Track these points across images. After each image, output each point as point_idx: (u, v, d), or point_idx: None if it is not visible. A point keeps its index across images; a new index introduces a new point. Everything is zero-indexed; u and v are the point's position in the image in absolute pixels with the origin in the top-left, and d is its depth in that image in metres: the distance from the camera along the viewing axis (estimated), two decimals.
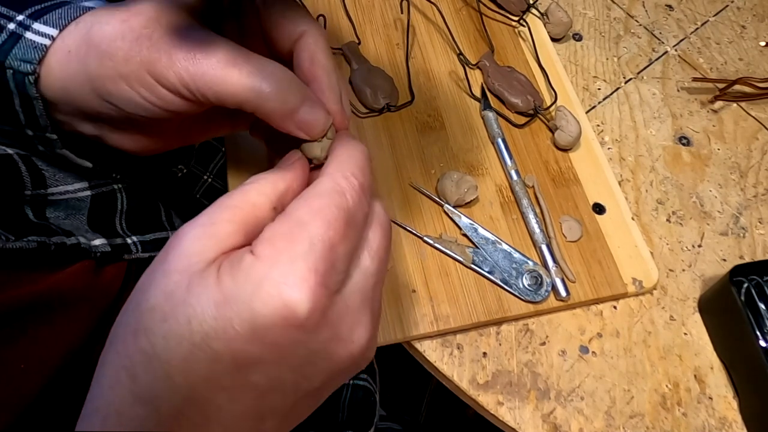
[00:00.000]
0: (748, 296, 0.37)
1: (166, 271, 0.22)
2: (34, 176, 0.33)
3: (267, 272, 0.21)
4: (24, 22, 0.29)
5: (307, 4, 0.49)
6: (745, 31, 0.55)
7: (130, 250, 0.37)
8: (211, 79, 0.27)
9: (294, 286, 0.21)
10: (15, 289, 0.29)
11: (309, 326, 0.22)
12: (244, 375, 0.22)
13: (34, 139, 0.31)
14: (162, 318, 0.21)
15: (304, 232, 0.23)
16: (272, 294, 0.21)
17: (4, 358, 0.28)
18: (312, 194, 0.24)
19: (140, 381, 0.21)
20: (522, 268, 0.39)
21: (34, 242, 0.30)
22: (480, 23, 0.50)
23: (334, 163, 0.27)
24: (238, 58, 0.28)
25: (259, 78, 0.28)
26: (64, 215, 0.35)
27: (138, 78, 0.28)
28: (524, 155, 0.44)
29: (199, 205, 0.46)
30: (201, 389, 0.22)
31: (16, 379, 0.28)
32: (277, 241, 0.22)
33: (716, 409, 0.37)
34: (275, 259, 0.22)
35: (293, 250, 0.22)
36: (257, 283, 0.21)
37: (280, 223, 0.23)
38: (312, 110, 0.29)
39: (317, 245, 0.23)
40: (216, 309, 0.21)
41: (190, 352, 0.21)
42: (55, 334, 0.30)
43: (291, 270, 0.22)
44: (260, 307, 0.21)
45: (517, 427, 0.35)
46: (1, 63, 0.28)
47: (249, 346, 0.21)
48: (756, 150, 0.48)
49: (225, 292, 0.21)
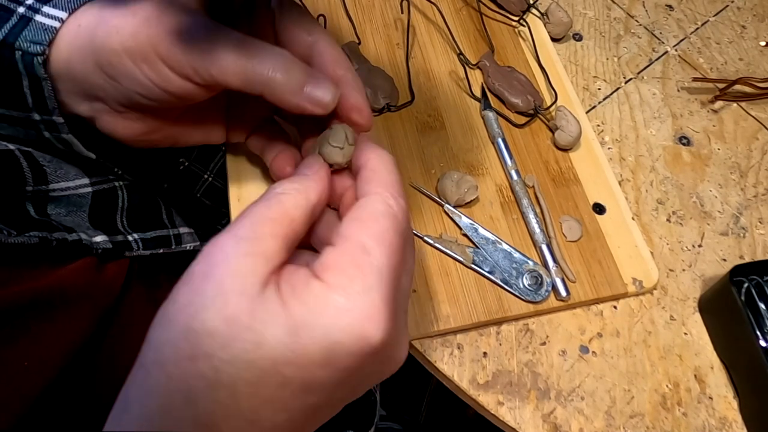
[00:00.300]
0: (748, 296, 0.37)
1: (221, 292, 0.22)
2: (35, 172, 0.33)
3: (344, 304, 0.22)
4: (33, 5, 0.29)
5: (307, 4, 0.49)
6: (745, 31, 0.55)
7: (131, 247, 0.37)
8: (221, 60, 0.28)
9: (372, 319, 0.22)
10: (17, 285, 0.29)
11: (377, 353, 0.23)
12: (307, 396, 0.22)
13: (41, 123, 0.31)
14: (225, 344, 0.21)
15: (371, 259, 0.23)
16: (352, 325, 0.22)
17: (7, 356, 0.28)
18: (367, 216, 0.25)
19: (201, 406, 0.21)
20: (522, 268, 0.39)
21: (35, 238, 0.30)
22: (480, 23, 0.50)
23: (377, 180, 0.27)
24: (246, 41, 0.28)
25: (266, 58, 0.28)
26: (65, 212, 0.35)
27: (143, 55, 0.28)
28: (524, 155, 0.44)
29: (200, 203, 0.46)
30: (264, 411, 0.22)
31: (18, 378, 0.28)
32: (347, 269, 0.23)
33: (716, 409, 0.37)
34: (349, 288, 0.22)
35: (365, 281, 0.23)
36: (335, 314, 0.22)
37: (342, 248, 0.24)
38: (320, 84, 0.29)
39: (385, 274, 0.23)
40: (289, 336, 0.21)
41: (258, 377, 0.21)
42: (57, 331, 0.30)
43: (367, 302, 0.22)
44: (339, 337, 0.22)
45: (517, 427, 0.35)
46: (11, 44, 0.28)
47: (320, 372, 0.22)
48: (756, 150, 0.48)
49: (296, 318, 0.22)
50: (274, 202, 0.25)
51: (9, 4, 0.29)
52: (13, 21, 0.28)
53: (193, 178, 0.46)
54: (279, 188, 0.26)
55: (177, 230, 0.41)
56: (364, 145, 0.29)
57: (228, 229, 0.24)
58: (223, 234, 0.24)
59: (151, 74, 0.28)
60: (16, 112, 0.31)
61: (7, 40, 0.28)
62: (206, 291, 0.22)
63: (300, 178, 0.27)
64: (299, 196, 0.26)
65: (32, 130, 0.32)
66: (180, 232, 0.41)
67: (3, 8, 0.29)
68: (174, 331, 0.22)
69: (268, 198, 0.25)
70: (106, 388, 0.35)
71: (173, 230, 0.40)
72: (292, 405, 0.22)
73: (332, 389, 0.23)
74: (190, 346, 0.21)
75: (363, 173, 0.28)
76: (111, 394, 0.36)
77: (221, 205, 0.48)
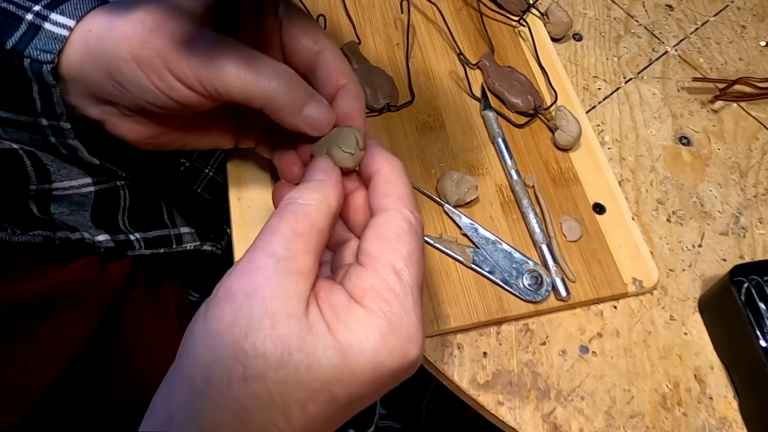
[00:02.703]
0: (748, 296, 0.37)
1: (268, 314, 0.23)
2: (39, 171, 0.33)
3: (387, 329, 0.24)
4: (41, 12, 0.29)
5: (307, 4, 0.49)
6: (745, 31, 0.55)
7: (134, 247, 0.37)
8: (224, 74, 0.28)
9: (412, 340, 0.24)
10: (21, 284, 0.29)
11: (413, 366, 0.25)
12: (350, 408, 0.25)
13: (48, 128, 0.31)
14: (277, 366, 0.23)
15: (403, 282, 0.25)
16: (396, 347, 0.24)
17: (11, 354, 0.28)
18: (393, 236, 0.26)
19: (253, 425, 0.23)
20: (522, 267, 0.39)
21: (39, 236, 0.30)
22: (480, 23, 0.50)
23: (394, 194, 0.28)
24: (251, 56, 0.29)
25: (269, 75, 0.29)
26: (68, 211, 0.35)
27: (151, 64, 0.28)
28: (524, 155, 0.44)
29: (200, 199, 0.46)
30: (311, 424, 0.23)
31: (23, 376, 0.28)
32: (383, 293, 0.25)
33: (716, 409, 0.37)
34: (389, 313, 0.24)
35: (403, 303, 0.25)
36: (380, 339, 0.24)
37: (375, 271, 0.25)
38: (318, 107, 0.30)
39: (416, 292, 0.25)
40: (338, 358, 0.23)
41: (309, 396, 0.23)
42: (61, 330, 0.30)
43: (407, 324, 0.24)
44: (384, 359, 0.24)
45: (517, 427, 0.35)
46: (20, 52, 0.28)
47: (366, 389, 0.24)
48: (756, 150, 0.48)
49: (343, 343, 0.23)
50: (301, 215, 0.26)
51: (17, 10, 0.29)
52: (22, 29, 0.29)
53: (193, 172, 0.46)
54: (301, 198, 0.27)
55: (178, 230, 0.41)
56: (374, 150, 0.30)
57: (261, 246, 0.25)
58: (257, 252, 0.25)
59: (159, 83, 0.29)
60: (24, 116, 0.31)
61: (17, 48, 0.28)
62: (253, 312, 0.23)
63: (318, 186, 0.28)
64: (323, 206, 0.27)
65: (38, 135, 0.32)
66: (181, 232, 0.41)
67: (11, 15, 0.29)
68: (224, 351, 0.23)
69: (293, 210, 0.26)
70: (110, 386, 0.36)
71: (174, 230, 0.40)
72: (336, 416, 0.24)
73: (371, 399, 0.25)
74: (242, 368, 0.23)
75: (378, 185, 0.29)
76: (115, 392, 0.36)
77: (222, 200, 0.48)
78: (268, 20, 0.32)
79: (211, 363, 0.23)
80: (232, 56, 0.28)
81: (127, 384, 0.36)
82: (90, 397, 0.33)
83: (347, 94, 0.32)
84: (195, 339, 0.24)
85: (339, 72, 0.32)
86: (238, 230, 0.39)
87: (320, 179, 0.28)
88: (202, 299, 0.49)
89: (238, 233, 0.39)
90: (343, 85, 0.32)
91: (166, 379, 0.24)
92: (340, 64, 0.32)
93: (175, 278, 0.45)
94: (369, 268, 0.25)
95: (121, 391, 0.36)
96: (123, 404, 0.35)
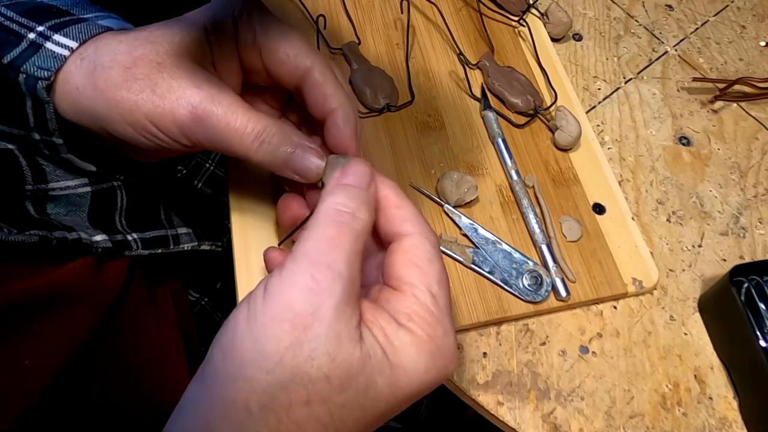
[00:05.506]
0: (748, 296, 0.37)
1: (333, 336, 0.24)
2: (35, 171, 0.33)
3: (434, 351, 0.26)
4: (44, 32, 0.30)
5: (307, 4, 0.49)
6: (745, 31, 0.55)
7: (131, 247, 0.37)
8: (210, 135, 0.29)
9: (453, 359, 0.27)
10: (17, 284, 0.29)
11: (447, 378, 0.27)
12: (386, 419, 0.26)
13: (41, 143, 0.32)
14: (341, 389, 0.24)
15: (440, 305, 0.27)
16: (441, 368, 0.26)
17: (8, 354, 0.28)
18: (424, 262, 0.28)
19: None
20: (522, 268, 0.39)
21: (35, 236, 0.30)
22: (480, 23, 0.50)
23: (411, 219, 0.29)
24: (235, 114, 0.29)
25: (253, 135, 0.29)
26: (64, 211, 0.35)
27: (142, 126, 0.30)
28: (524, 155, 0.44)
29: (200, 194, 0.46)
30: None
31: (20, 377, 0.28)
32: (426, 317, 0.26)
33: (716, 409, 0.37)
34: (434, 336, 0.26)
35: (443, 325, 0.27)
36: (429, 362, 0.26)
37: (414, 296, 0.27)
38: (305, 157, 0.31)
39: (449, 311, 0.28)
40: (391, 378, 0.25)
41: (362, 414, 0.24)
42: (58, 330, 0.30)
43: (449, 345, 0.27)
44: (430, 378, 0.26)
45: (517, 427, 0.35)
46: (17, 67, 0.29)
47: (405, 404, 0.26)
48: (756, 150, 0.48)
49: (396, 366, 0.25)
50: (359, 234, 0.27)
51: (20, 29, 0.30)
52: (23, 46, 0.29)
53: (194, 168, 0.46)
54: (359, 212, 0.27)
55: (175, 230, 0.41)
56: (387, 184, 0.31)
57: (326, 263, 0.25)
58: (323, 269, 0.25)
59: (154, 139, 0.30)
60: (17, 130, 0.31)
61: (14, 63, 0.29)
62: (320, 335, 0.23)
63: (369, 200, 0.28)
64: (370, 227, 0.28)
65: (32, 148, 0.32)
66: (178, 233, 0.41)
67: (13, 33, 0.30)
68: (285, 374, 0.23)
69: (353, 228, 0.26)
70: (108, 386, 0.36)
71: (171, 230, 0.40)
72: (377, 425, 0.26)
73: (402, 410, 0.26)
74: (306, 392, 0.23)
75: (390, 211, 0.29)
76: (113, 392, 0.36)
77: (222, 194, 0.48)
78: (242, 34, 0.32)
79: (269, 388, 0.23)
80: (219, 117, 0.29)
81: (126, 384, 0.36)
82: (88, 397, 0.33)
83: (337, 123, 0.32)
84: (244, 359, 0.23)
85: (327, 96, 0.32)
86: (238, 226, 0.39)
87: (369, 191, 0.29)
88: (202, 299, 0.49)
89: (238, 229, 0.39)
90: (332, 111, 0.32)
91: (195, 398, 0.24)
92: (328, 85, 0.32)
93: (175, 278, 0.45)
94: (408, 294, 0.27)
95: (120, 391, 0.36)
96: (121, 404, 0.35)
